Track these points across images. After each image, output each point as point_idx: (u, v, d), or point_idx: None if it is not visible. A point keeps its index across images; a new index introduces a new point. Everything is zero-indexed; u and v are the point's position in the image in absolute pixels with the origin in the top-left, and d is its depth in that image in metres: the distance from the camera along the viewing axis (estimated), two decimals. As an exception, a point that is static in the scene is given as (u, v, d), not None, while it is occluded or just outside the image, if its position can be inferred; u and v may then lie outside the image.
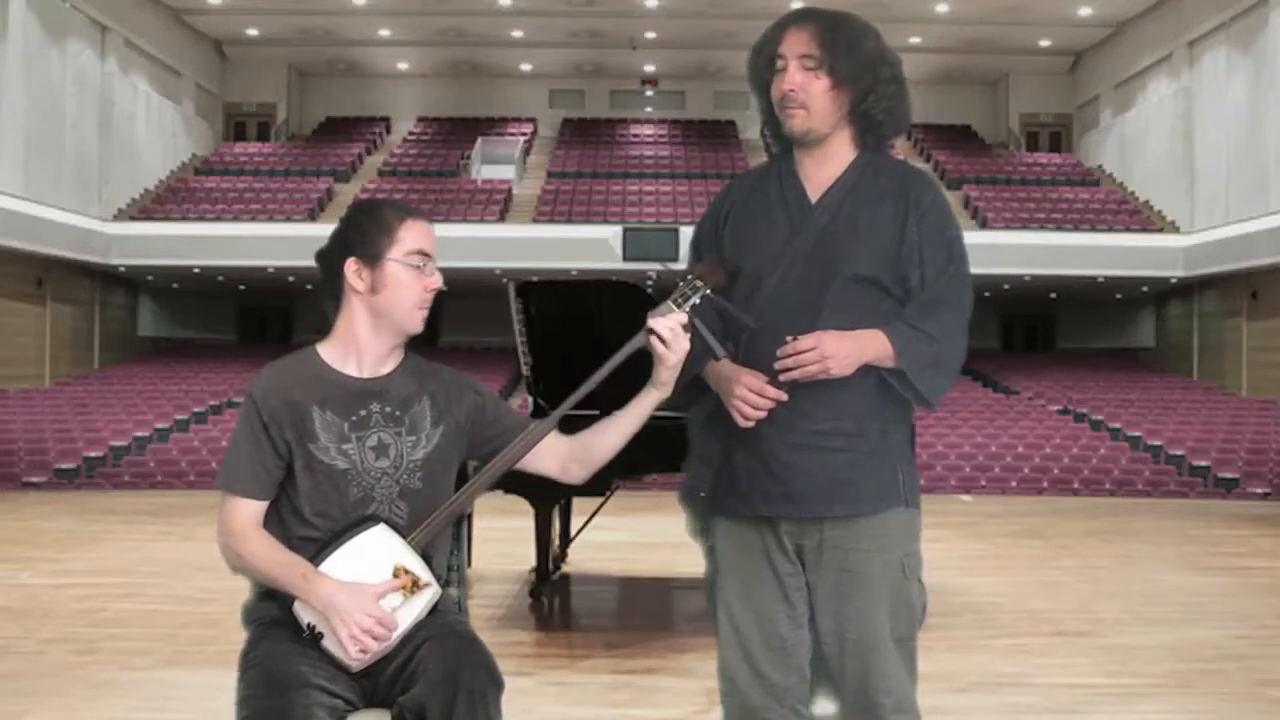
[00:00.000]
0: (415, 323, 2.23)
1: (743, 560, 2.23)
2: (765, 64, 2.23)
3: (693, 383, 2.24)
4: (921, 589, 2.22)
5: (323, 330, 2.29)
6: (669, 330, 2.10)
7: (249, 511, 2.16)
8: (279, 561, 2.11)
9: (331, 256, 2.22)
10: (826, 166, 2.22)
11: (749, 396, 2.11)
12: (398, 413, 2.22)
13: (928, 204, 2.18)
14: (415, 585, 2.11)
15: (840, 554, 2.17)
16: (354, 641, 2.05)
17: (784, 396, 2.10)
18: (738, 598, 2.24)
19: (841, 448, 2.15)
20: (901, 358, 2.12)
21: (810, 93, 2.17)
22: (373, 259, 2.18)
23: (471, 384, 2.33)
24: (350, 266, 2.19)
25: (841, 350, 2.07)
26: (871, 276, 2.15)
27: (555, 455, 2.28)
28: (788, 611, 2.21)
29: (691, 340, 2.13)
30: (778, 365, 2.08)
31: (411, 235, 2.20)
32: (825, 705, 2.28)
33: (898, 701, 2.16)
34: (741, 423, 2.13)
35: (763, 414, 2.11)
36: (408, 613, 2.10)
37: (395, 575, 2.10)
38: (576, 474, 2.32)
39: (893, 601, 2.17)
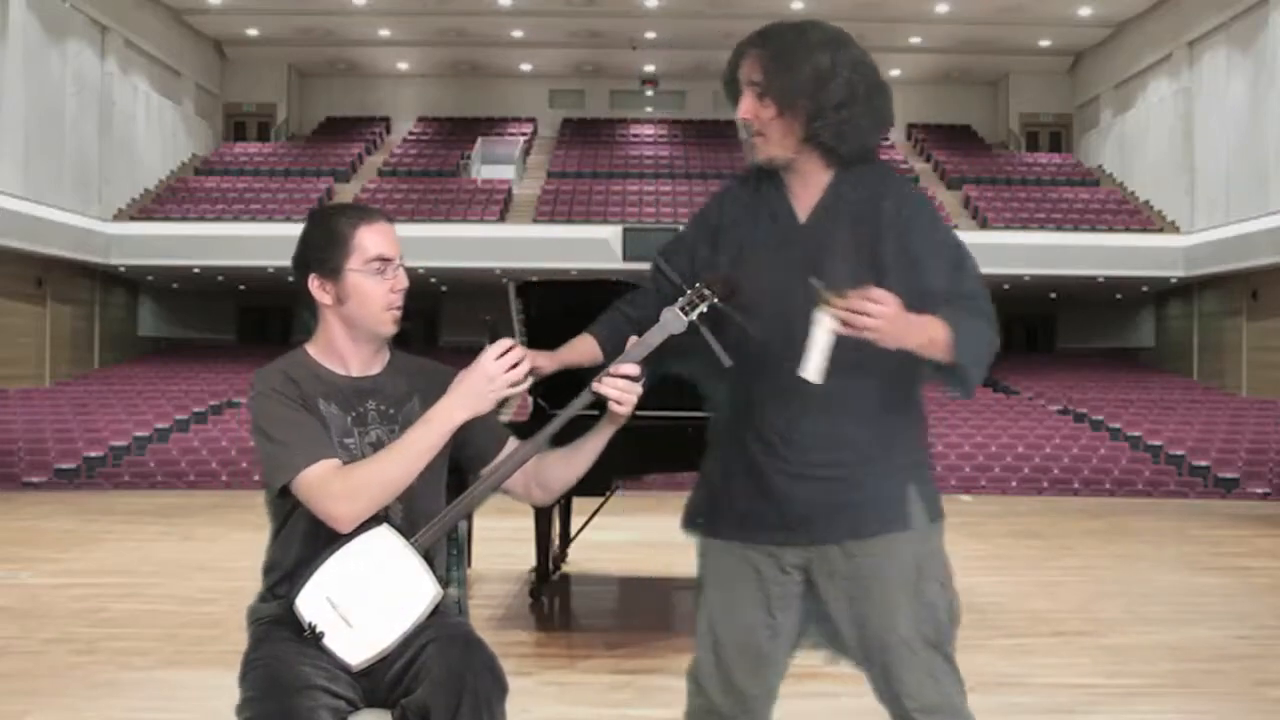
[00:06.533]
0: (386, 326, 2.21)
1: (729, 568, 2.21)
2: (730, 88, 2.19)
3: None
4: (943, 590, 2.15)
5: None
6: (616, 390, 2.08)
7: (329, 468, 2.09)
8: (387, 455, 2.08)
9: (296, 273, 2.21)
10: (808, 189, 2.17)
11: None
12: (392, 411, 2.23)
13: (906, 216, 2.11)
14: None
15: (850, 566, 2.13)
16: (499, 376, 2.08)
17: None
18: (720, 605, 2.22)
19: (842, 476, 2.10)
20: (956, 349, 2.03)
21: (762, 120, 2.12)
22: (332, 272, 2.16)
23: None
24: (313, 283, 2.18)
25: (899, 324, 1.93)
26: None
27: (523, 474, 2.27)
28: (767, 621, 2.18)
29: (702, 350, 2.10)
30: (839, 304, 1.92)
31: (369, 241, 2.16)
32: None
33: (922, 705, 2.11)
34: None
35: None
36: (409, 612, 2.10)
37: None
38: (538, 497, 2.32)
39: (912, 604, 2.11)
